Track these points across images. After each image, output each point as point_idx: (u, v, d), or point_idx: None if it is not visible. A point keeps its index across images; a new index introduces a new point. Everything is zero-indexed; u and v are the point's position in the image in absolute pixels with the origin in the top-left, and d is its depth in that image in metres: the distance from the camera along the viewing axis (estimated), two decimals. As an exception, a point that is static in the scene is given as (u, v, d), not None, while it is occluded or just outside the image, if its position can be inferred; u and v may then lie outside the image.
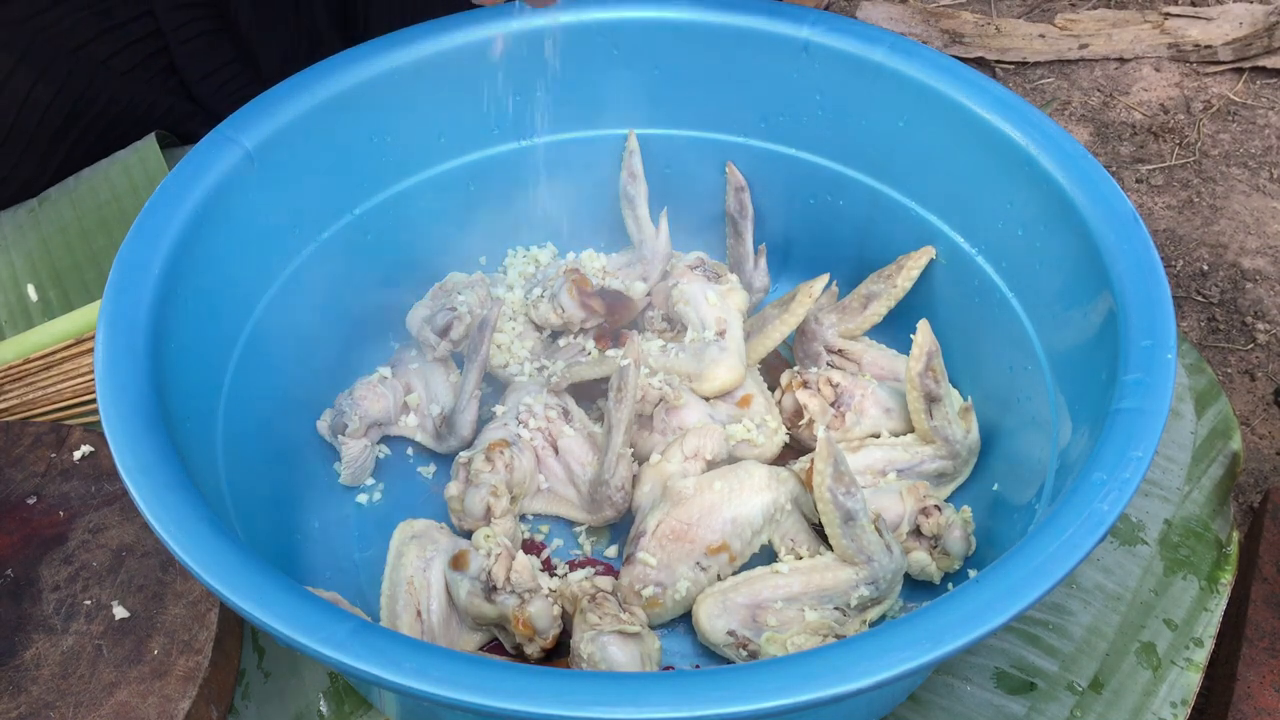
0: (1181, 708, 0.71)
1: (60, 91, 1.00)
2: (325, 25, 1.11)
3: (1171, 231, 1.33)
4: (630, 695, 0.51)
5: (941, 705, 0.71)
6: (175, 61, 1.08)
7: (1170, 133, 1.45)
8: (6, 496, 0.76)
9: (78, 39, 1.00)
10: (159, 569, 0.71)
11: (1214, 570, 0.78)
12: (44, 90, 0.99)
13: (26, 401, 0.85)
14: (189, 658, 0.67)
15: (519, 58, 0.84)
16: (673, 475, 0.76)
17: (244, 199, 0.75)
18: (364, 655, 0.52)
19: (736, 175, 0.91)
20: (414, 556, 0.73)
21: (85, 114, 1.03)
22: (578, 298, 0.85)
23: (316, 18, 1.11)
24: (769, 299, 0.92)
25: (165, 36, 1.06)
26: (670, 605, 0.72)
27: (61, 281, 0.95)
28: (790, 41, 0.84)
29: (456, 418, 0.82)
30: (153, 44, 1.06)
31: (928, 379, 0.78)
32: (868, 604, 0.71)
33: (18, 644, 0.69)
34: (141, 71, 1.06)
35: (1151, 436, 0.60)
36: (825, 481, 0.70)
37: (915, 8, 1.65)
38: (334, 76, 0.79)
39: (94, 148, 1.03)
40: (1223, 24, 1.58)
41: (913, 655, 0.52)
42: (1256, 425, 1.15)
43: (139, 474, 0.59)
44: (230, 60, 1.10)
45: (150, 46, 1.05)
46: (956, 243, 0.83)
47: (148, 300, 0.67)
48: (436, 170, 0.86)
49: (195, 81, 1.09)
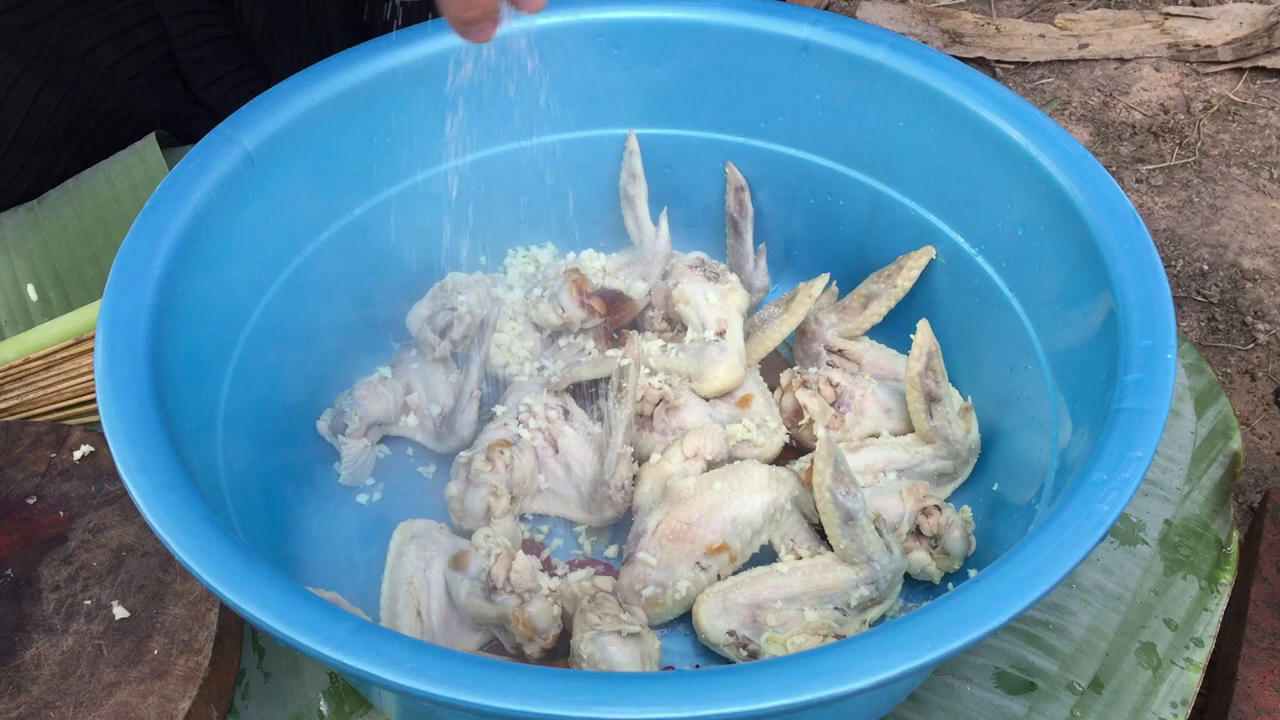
0: (1181, 708, 0.71)
1: (66, 97, 1.00)
2: (340, 36, 1.11)
3: (1171, 231, 1.33)
4: (630, 695, 0.51)
5: (941, 705, 0.71)
6: (182, 67, 1.08)
7: (1170, 133, 1.45)
8: (6, 496, 0.76)
9: (84, 45, 1.00)
10: (159, 569, 0.71)
11: (1214, 570, 0.77)
12: (50, 96, 0.99)
13: (26, 401, 0.85)
14: (189, 658, 0.67)
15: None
16: (673, 475, 0.76)
17: (244, 199, 0.75)
18: (364, 655, 0.52)
19: (736, 175, 0.91)
20: (414, 556, 0.73)
21: (91, 119, 1.03)
22: (578, 298, 0.85)
23: (331, 28, 1.11)
24: (769, 299, 0.92)
25: (171, 42, 1.06)
26: (670, 605, 0.72)
27: (61, 281, 0.95)
28: (790, 41, 0.84)
29: (456, 418, 0.82)
30: (159, 49, 1.06)
31: (928, 379, 0.78)
32: (868, 604, 0.71)
33: (18, 644, 0.69)
34: (147, 77, 1.06)
35: (1151, 436, 0.60)
36: (825, 481, 0.70)
37: (915, 8, 1.65)
38: (334, 76, 0.79)
39: (100, 153, 1.03)
40: (1223, 24, 1.58)
41: (913, 655, 0.52)
42: (1256, 425, 1.15)
43: (139, 474, 0.59)
44: (239, 66, 1.10)
45: (156, 52, 1.06)
46: (956, 243, 0.83)
47: (148, 300, 0.67)
48: (436, 170, 0.86)
49: (203, 87, 1.09)
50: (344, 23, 1.12)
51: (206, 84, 1.09)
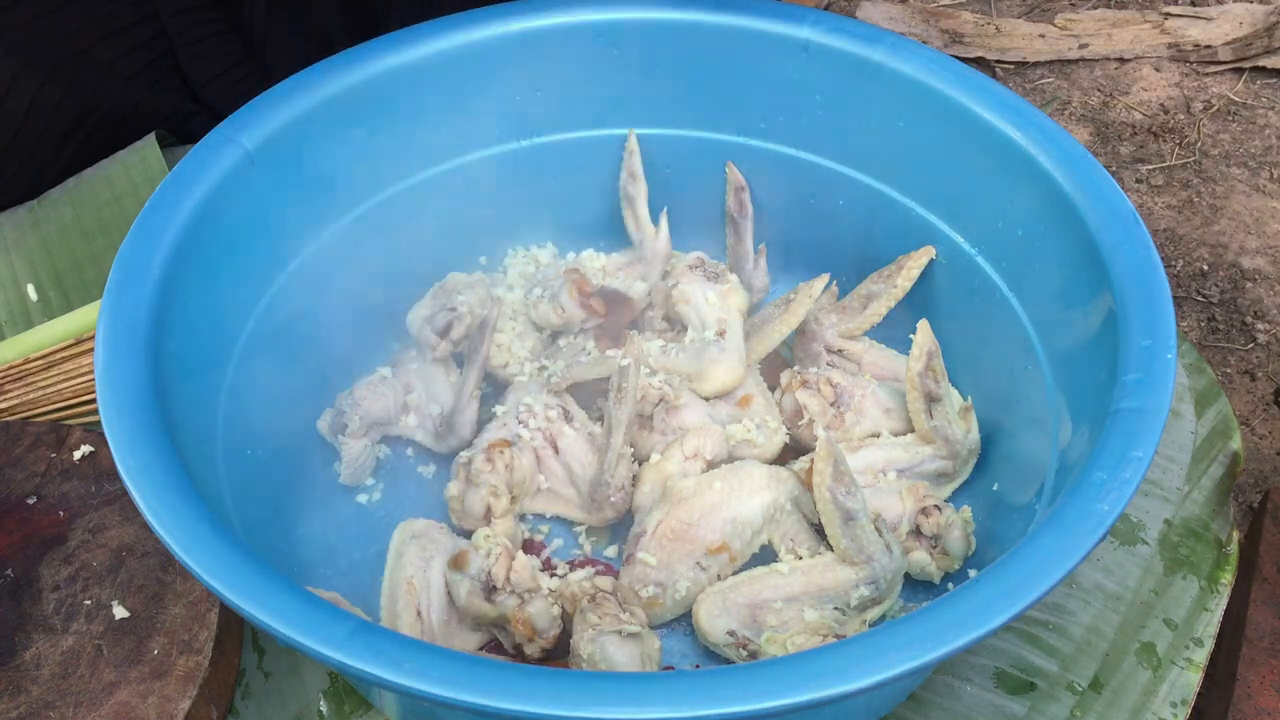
0: (1181, 708, 0.71)
1: (66, 95, 1.00)
2: (339, 30, 1.11)
3: (1171, 231, 1.33)
4: (630, 695, 0.51)
5: (941, 705, 0.71)
6: (181, 64, 1.08)
7: (1170, 133, 1.45)
8: (6, 496, 0.76)
9: (82, 43, 1.00)
10: (159, 569, 0.71)
11: (1214, 570, 0.77)
12: (50, 93, 1.00)
13: (26, 401, 0.85)
14: (189, 658, 0.67)
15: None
16: (673, 475, 0.76)
17: (244, 199, 0.75)
18: (364, 655, 0.52)
19: (736, 175, 0.91)
20: (414, 556, 0.73)
21: (90, 117, 1.03)
22: (578, 298, 0.85)
23: (330, 23, 1.11)
24: (769, 299, 0.92)
25: (171, 40, 1.06)
26: (670, 605, 0.72)
27: (61, 282, 0.95)
28: (790, 41, 0.84)
29: (456, 418, 0.82)
30: (158, 48, 1.06)
31: (928, 379, 0.78)
32: (868, 604, 0.71)
33: (18, 644, 0.69)
34: (146, 75, 1.06)
35: (1151, 436, 0.60)
36: (825, 481, 0.70)
37: (915, 8, 1.65)
38: (334, 76, 0.79)
39: (100, 151, 1.03)
40: (1223, 24, 1.58)
41: (913, 655, 0.52)
42: (1256, 425, 1.15)
43: (139, 474, 0.59)
44: (239, 62, 1.10)
45: (155, 50, 1.06)
46: (956, 243, 0.83)
47: (148, 300, 0.67)
48: (436, 170, 0.86)
49: (203, 84, 1.09)
50: (345, 18, 1.12)
51: (206, 81, 1.09)
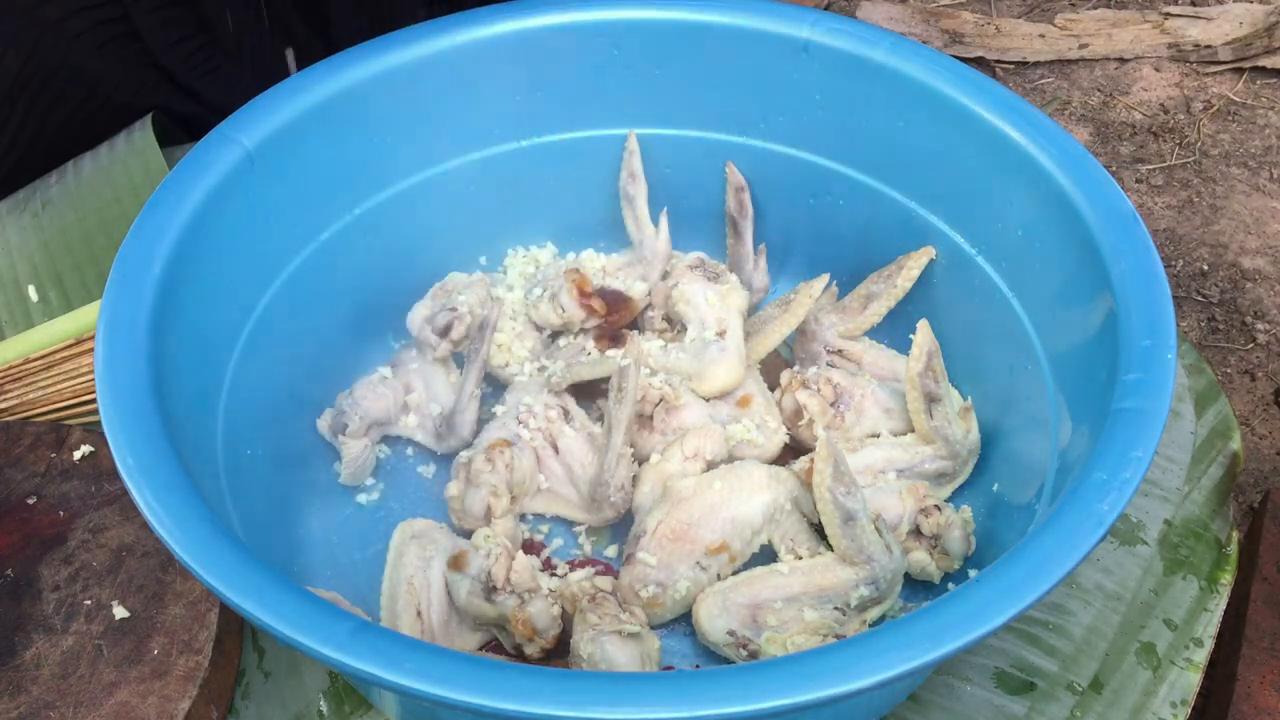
0: (1181, 708, 0.71)
1: (28, 60, 0.98)
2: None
3: (1171, 231, 1.33)
4: (630, 695, 0.51)
5: (941, 705, 0.71)
6: (140, 31, 1.05)
7: (1170, 133, 1.45)
8: (6, 496, 0.76)
9: (33, 1, 0.98)
10: (159, 569, 0.71)
11: (1214, 570, 0.77)
12: (10, 59, 0.97)
13: (26, 401, 0.85)
14: (189, 658, 0.67)
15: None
16: (673, 475, 0.76)
17: (244, 199, 0.75)
18: (364, 655, 0.52)
19: (736, 175, 0.91)
20: (414, 556, 0.73)
21: (36, 76, 1.00)
22: (578, 298, 0.85)
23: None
24: (769, 299, 0.92)
25: (126, 5, 1.04)
26: (670, 605, 0.72)
27: (61, 282, 0.95)
28: (790, 41, 0.84)
29: (456, 418, 0.82)
30: (114, 10, 1.03)
31: (928, 379, 0.78)
32: (868, 604, 0.71)
33: (18, 644, 0.69)
34: (96, 35, 1.03)
35: (1151, 436, 0.60)
36: (825, 481, 0.70)
37: (915, 8, 1.65)
38: (334, 76, 0.79)
39: (52, 116, 1.01)
40: (1223, 24, 1.58)
41: (913, 655, 0.52)
42: (1256, 425, 1.15)
43: (139, 474, 0.59)
44: (197, 30, 1.08)
45: (111, 12, 1.03)
46: (956, 243, 0.83)
47: (148, 300, 0.67)
48: (436, 170, 0.86)
49: (161, 50, 1.07)
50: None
51: (165, 47, 1.07)
